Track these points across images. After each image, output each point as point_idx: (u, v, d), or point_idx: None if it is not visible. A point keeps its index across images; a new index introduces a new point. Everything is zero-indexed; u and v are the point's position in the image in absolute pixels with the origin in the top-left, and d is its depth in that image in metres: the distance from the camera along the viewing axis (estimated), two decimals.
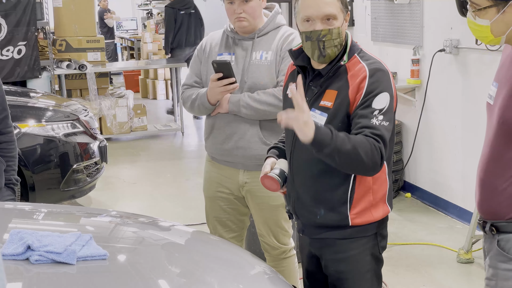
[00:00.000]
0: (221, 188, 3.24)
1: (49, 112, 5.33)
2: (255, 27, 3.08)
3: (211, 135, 3.20)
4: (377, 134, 2.24)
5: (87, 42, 8.65)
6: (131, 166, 7.51)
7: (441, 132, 5.48)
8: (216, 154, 3.21)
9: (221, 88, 3.00)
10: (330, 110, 2.35)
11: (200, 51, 3.23)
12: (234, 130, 3.10)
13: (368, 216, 2.42)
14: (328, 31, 2.33)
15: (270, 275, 2.19)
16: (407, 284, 4.22)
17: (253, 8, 3.02)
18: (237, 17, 3.02)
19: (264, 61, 3.05)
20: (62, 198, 5.19)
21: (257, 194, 3.16)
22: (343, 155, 2.20)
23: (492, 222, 2.23)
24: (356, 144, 2.20)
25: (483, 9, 2.10)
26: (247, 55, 3.08)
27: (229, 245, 2.43)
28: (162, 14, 14.27)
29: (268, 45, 3.07)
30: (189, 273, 2.06)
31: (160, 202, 6.06)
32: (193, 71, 3.23)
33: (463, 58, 5.10)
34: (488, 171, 2.23)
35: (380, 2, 6.12)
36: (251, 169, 3.14)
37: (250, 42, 3.09)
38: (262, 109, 3.01)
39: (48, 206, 2.81)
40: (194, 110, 3.19)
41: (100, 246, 2.03)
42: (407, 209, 5.63)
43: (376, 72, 2.34)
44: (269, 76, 3.05)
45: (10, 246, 1.97)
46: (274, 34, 3.10)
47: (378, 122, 2.27)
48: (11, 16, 7.51)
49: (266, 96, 3.01)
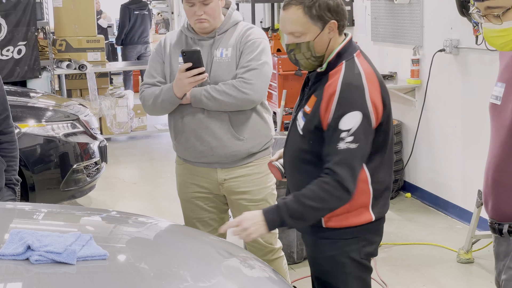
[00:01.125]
0: (198, 188, 3.22)
1: (49, 112, 5.32)
2: (214, 26, 3.09)
3: (181, 137, 3.14)
4: (337, 164, 2.26)
5: (87, 42, 8.65)
6: (131, 166, 7.51)
7: (441, 132, 5.48)
8: (189, 156, 3.18)
9: (190, 79, 2.95)
10: (308, 116, 2.39)
11: (160, 50, 3.18)
12: (205, 131, 3.07)
13: (343, 221, 2.41)
14: (295, 46, 2.39)
15: (270, 275, 2.19)
16: (407, 284, 4.22)
17: (213, 9, 3.02)
18: (198, 18, 3.02)
19: (224, 58, 3.06)
20: (62, 198, 5.18)
21: (237, 191, 3.16)
22: (302, 216, 2.31)
23: (510, 224, 2.17)
24: (309, 200, 2.28)
25: (506, 10, 2.00)
26: (208, 54, 3.08)
27: (229, 245, 2.43)
28: (162, 14, 14.29)
29: (227, 42, 3.09)
30: (189, 273, 2.06)
31: (160, 202, 6.06)
32: (154, 70, 3.16)
33: (463, 58, 5.10)
34: (503, 171, 2.17)
35: (380, 2, 6.12)
36: (227, 167, 3.14)
37: (210, 41, 3.09)
38: (221, 99, 2.98)
39: (48, 206, 2.81)
40: (157, 108, 3.10)
41: (100, 246, 2.03)
42: (407, 209, 5.63)
43: (347, 89, 2.30)
44: (230, 72, 3.05)
45: (10, 246, 1.97)
46: (232, 30, 3.12)
47: (344, 146, 2.26)
48: (11, 16, 7.51)
49: (226, 87, 2.99)
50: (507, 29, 2.03)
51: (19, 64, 7.65)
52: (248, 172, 3.16)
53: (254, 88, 3.00)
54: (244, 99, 3.00)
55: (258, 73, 3.02)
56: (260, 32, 3.15)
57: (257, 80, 3.01)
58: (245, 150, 3.11)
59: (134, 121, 8.59)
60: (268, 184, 3.23)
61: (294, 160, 2.48)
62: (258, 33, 3.12)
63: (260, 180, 3.19)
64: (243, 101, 3.01)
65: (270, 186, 3.25)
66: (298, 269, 4.37)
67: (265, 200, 3.20)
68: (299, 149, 2.44)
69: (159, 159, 7.74)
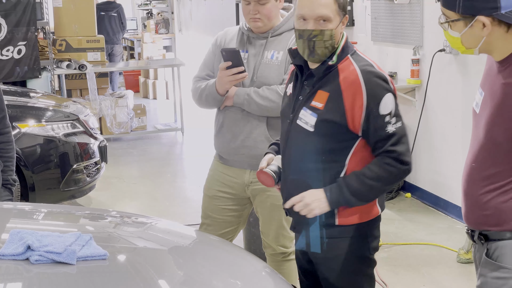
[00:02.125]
0: (224, 188, 3.22)
1: (49, 112, 5.32)
2: (270, 27, 3.08)
3: (219, 132, 3.19)
4: (393, 144, 2.33)
5: (87, 42, 8.65)
6: (131, 166, 7.51)
7: (441, 132, 5.48)
8: (223, 152, 3.21)
9: (230, 77, 2.99)
10: (320, 111, 2.38)
11: (215, 45, 3.22)
12: (241, 129, 3.10)
13: (356, 216, 2.43)
14: (319, 32, 2.36)
15: (270, 275, 2.19)
16: (407, 284, 4.22)
17: (269, 9, 3.01)
18: (252, 17, 3.02)
19: (275, 60, 3.05)
20: (62, 198, 5.18)
21: (262, 193, 3.16)
22: (368, 195, 2.38)
23: (480, 231, 2.22)
24: (371, 180, 2.34)
25: (451, 21, 2.10)
26: (259, 54, 3.08)
27: (229, 246, 2.43)
28: (162, 14, 14.28)
29: (281, 46, 3.07)
30: (189, 273, 2.06)
31: (160, 202, 6.06)
32: (205, 64, 3.22)
33: (463, 58, 5.10)
34: (471, 183, 2.22)
35: (380, 2, 6.12)
36: (257, 169, 3.13)
37: (263, 41, 3.09)
38: (264, 104, 3.00)
39: (48, 206, 2.82)
40: (202, 102, 3.16)
41: (100, 246, 2.03)
42: (407, 209, 5.63)
43: (369, 77, 2.35)
44: (278, 76, 3.05)
45: (10, 246, 1.97)
46: (288, 35, 3.08)
47: (393, 128, 2.34)
48: (11, 16, 7.51)
49: (269, 92, 3.00)
50: (453, 37, 2.13)
51: (19, 64, 7.65)
52: None
53: None
54: None
55: None
56: None
57: None
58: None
59: (134, 121, 8.58)
60: None
61: (301, 159, 2.46)
62: None
63: None
64: None
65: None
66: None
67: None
68: (307, 147, 2.43)
69: (159, 159, 7.73)
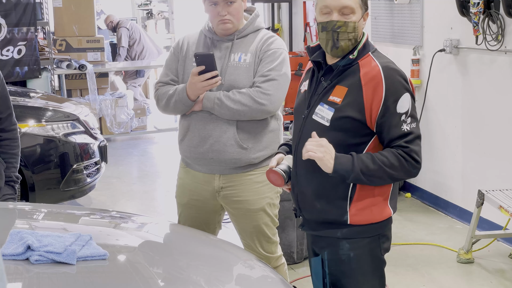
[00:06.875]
0: (195, 195, 3.14)
1: (49, 112, 5.32)
2: (237, 28, 3.02)
3: (186, 137, 3.09)
4: (408, 142, 2.36)
5: (87, 42, 8.66)
6: (131, 166, 7.51)
7: (441, 132, 5.48)
8: (189, 157, 3.10)
9: (203, 83, 2.90)
10: (338, 106, 2.38)
11: (177, 49, 3.12)
12: (210, 133, 2.99)
13: (368, 216, 2.43)
14: (343, 23, 2.37)
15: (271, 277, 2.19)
16: (407, 284, 4.22)
17: (237, 9, 2.96)
18: (221, 19, 2.95)
19: (243, 63, 2.98)
20: (62, 198, 5.18)
21: (234, 199, 3.07)
22: (371, 176, 2.32)
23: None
24: (383, 164, 2.32)
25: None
26: (225, 56, 3.01)
27: (229, 246, 2.43)
28: (162, 14, 14.28)
29: (247, 48, 3.01)
30: (189, 273, 2.06)
31: (159, 202, 6.06)
32: (169, 68, 3.11)
33: (463, 58, 5.10)
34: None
35: (380, 2, 6.12)
36: (226, 173, 3.05)
37: (229, 43, 3.02)
38: (235, 108, 2.92)
39: (48, 206, 2.81)
40: (169, 108, 3.04)
41: (100, 246, 2.03)
42: (407, 209, 5.63)
43: (391, 74, 2.36)
44: (248, 79, 2.98)
45: (10, 246, 1.97)
46: (253, 36, 3.04)
47: (408, 127, 2.37)
48: (11, 16, 7.51)
49: (241, 96, 2.92)
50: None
51: (19, 64, 7.65)
52: (247, 180, 3.06)
53: (271, 99, 2.93)
54: (259, 109, 2.93)
55: (277, 84, 2.95)
56: (282, 42, 3.07)
57: (276, 91, 2.95)
58: (247, 159, 3.01)
59: (134, 121, 8.59)
60: (267, 194, 3.10)
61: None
62: (279, 43, 3.04)
63: (259, 190, 3.07)
64: (258, 111, 2.93)
65: (269, 196, 3.11)
66: (298, 269, 4.37)
67: (263, 211, 3.09)
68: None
69: (158, 159, 7.74)
